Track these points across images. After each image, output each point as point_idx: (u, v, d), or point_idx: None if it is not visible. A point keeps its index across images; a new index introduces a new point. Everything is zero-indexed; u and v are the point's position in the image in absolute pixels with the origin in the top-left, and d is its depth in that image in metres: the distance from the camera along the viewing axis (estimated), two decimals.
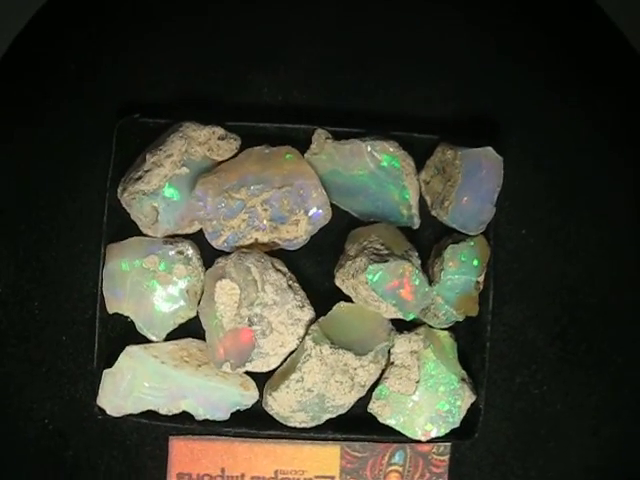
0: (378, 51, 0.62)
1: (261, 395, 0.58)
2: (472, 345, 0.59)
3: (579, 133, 0.62)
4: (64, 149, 0.62)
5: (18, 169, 0.62)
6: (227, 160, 0.59)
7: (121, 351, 0.58)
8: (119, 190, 0.59)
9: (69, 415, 0.61)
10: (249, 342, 0.55)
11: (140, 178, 0.57)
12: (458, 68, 0.62)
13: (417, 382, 0.57)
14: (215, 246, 0.58)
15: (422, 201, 0.59)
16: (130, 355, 0.58)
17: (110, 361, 0.58)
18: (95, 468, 0.61)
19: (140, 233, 0.59)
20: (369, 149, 0.58)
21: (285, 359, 0.57)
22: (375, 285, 0.56)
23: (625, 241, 0.62)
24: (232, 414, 0.58)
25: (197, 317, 0.58)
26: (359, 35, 0.62)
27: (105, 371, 0.58)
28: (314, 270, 0.60)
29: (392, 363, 0.58)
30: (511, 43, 0.62)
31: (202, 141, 0.58)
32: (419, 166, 0.59)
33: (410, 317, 0.57)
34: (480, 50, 0.62)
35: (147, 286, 0.58)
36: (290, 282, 0.57)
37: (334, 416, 0.57)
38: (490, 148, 0.57)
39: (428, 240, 0.60)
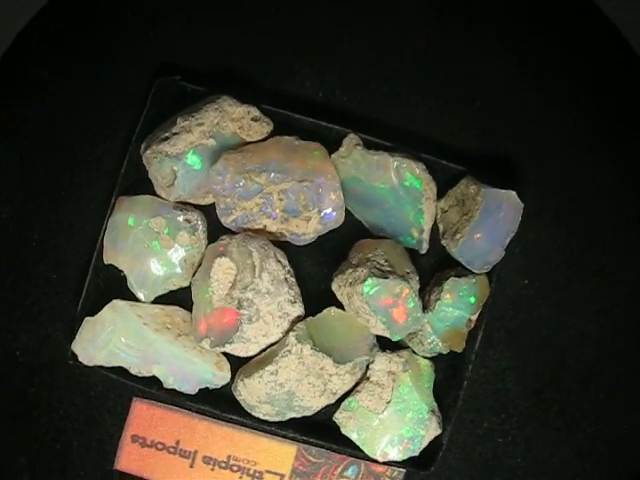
0: (424, 72, 0.62)
1: (233, 379, 0.58)
2: (449, 380, 0.59)
3: (604, 196, 0.62)
4: (97, 97, 0.62)
5: (48, 109, 0.62)
6: (255, 142, 0.59)
7: (106, 303, 0.58)
8: (142, 146, 0.59)
9: (41, 353, 0.61)
10: (233, 324, 0.55)
11: (167, 139, 0.57)
12: (497, 108, 0.62)
13: (387, 403, 0.57)
14: (223, 223, 0.58)
15: (435, 228, 0.59)
16: (115, 309, 0.58)
17: (93, 310, 0.58)
18: (54, 411, 0.61)
19: (153, 192, 0.59)
20: (396, 165, 0.58)
21: (265, 349, 0.57)
22: (369, 298, 0.55)
23: (624, 316, 0.62)
24: (200, 390, 0.58)
25: (188, 288, 0.58)
26: (408, 53, 0.62)
27: (86, 318, 0.58)
28: (313, 270, 0.60)
29: (368, 378, 0.57)
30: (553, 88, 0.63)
31: (236, 118, 0.58)
32: (440, 193, 0.59)
33: (396, 338, 0.57)
34: (527, 94, 0.62)
35: (148, 245, 0.58)
36: (287, 275, 0.57)
37: (298, 416, 0.57)
38: (514, 193, 0.57)
39: (431, 267, 0.60)
